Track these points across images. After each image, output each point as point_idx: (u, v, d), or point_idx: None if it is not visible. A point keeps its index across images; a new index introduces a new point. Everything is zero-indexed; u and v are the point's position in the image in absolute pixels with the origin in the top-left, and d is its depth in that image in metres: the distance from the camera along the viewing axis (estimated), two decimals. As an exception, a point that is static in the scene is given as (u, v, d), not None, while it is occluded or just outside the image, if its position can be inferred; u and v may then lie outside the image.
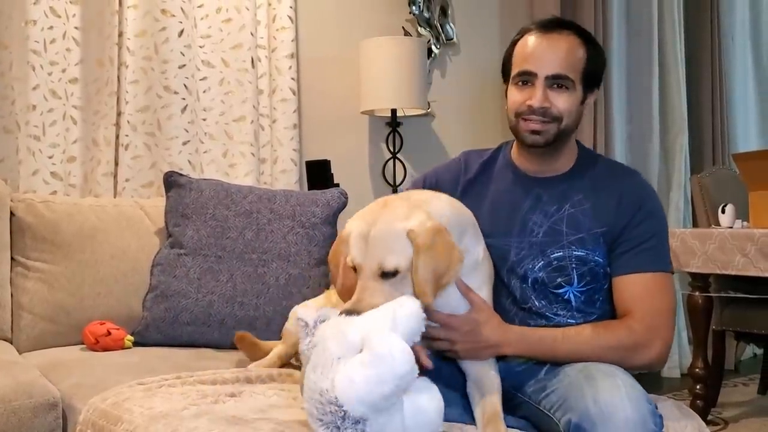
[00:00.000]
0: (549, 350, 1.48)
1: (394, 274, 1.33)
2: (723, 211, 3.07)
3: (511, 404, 1.52)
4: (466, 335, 1.43)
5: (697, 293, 3.10)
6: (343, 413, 1.16)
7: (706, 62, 4.36)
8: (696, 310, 3.11)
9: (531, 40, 1.58)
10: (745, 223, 3.04)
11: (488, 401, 1.43)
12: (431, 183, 1.70)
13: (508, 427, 1.40)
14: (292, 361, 1.91)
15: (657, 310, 1.50)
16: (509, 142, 1.73)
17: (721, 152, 4.31)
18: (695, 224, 3.84)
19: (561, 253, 1.56)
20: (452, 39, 3.56)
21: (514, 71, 1.59)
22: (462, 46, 3.59)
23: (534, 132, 1.57)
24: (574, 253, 1.55)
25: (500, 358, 1.51)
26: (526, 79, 1.57)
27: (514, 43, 1.63)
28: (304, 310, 1.38)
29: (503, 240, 1.58)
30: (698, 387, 3.09)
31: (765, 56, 4.80)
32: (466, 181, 1.70)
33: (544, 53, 1.55)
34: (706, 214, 3.43)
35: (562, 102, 1.56)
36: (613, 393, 1.28)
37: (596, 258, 1.55)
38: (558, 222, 1.58)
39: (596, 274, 1.56)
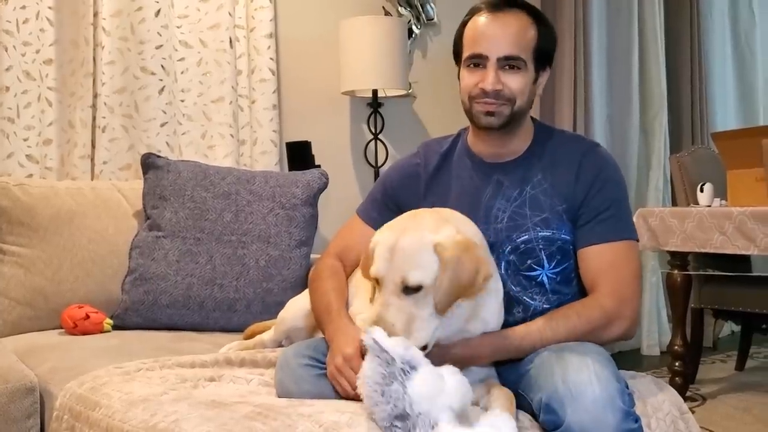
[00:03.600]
0: (528, 353, 1.46)
1: (417, 289, 1.31)
2: (701, 190, 3.09)
3: None
4: (436, 357, 1.37)
5: (676, 271, 3.12)
6: None
7: (685, 42, 4.37)
8: (675, 288, 3.14)
9: (481, 21, 1.56)
10: (723, 202, 3.06)
11: (488, 382, 1.44)
12: (393, 186, 1.71)
13: None
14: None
15: (623, 281, 1.51)
16: (467, 127, 1.72)
17: (700, 132, 4.34)
18: (674, 203, 3.87)
19: (526, 236, 1.56)
20: (433, 19, 3.54)
21: (465, 54, 1.58)
22: (443, 27, 3.56)
23: (488, 114, 1.56)
24: (540, 234, 1.55)
25: None
26: (478, 61, 1.55)
27: (464, 24, 1.61)
28: (386, 340, 1.27)
29: None
30: (677, 364, 3.13)
31: (743, 36, 4.83)
32: (428, 175, 1.69)
33: (495, 34, 1.53)
34: (685, 193, 3.46)
35: (514, 83, 1.54)
36: (581, 372, 1.29)
37: (563, 236, 1.56)
38: (521, 206, 1.58)
39: (566, 251, 1.56)
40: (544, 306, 1.56)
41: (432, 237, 1.34)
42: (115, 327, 2.20)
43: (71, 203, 2.33)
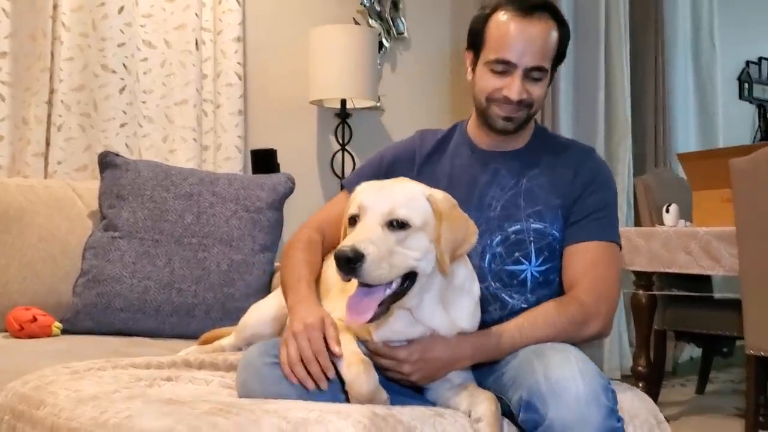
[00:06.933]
0: (508, 351, 1.41)
1: (401, 226, 1.24)
2: (667, 211, 3.10)
3: None
4: (417, 364, 1.34)
5: (641, 291, 3.11)
6: None
7: (649, 71, 4.45)
8: (640, 308, 3.13)
9: (511, 24, 1.50)
10: (688, 224, 3.07)
11: (467, 386, 1.37)
12: (389, 162, 1.65)
13: None
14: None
15: (603, 280, 1.49)
16: (464, 120, 1.70)
17: (663, 156, 4.39)
18: (638, 226, 3.88)
19: (518, 227, 1.52)
20: (403, 33, 3.51)
21: (490, 55, 1.52)
22: (413, 42, 3.54)
23: (507, 119, 1.54)
24: (532, 225, 1.52)
25: None
26: (504, 68, 1.51)
27: (486, 18, 1.54)
28: None
29: None
30: (640, 385, 3.09)
31: (705, 68, 4.92)
32: (422, 157, 1.64)
33: (525, 44, 1.49)
34: (650, 214, 3.47)
35: (537, 91, 1.54)
36: (564, 368, 1.24)
37: (554, 232, 1.53)
38: (515, 196, 1.55)
39: (553, 250, 1.53)
40: (522, 306, 1.51)
41: (422, 189, 1.33)
42: (65, 331, 2.07)
43: (22, 200, 2.21)
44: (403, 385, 1.39)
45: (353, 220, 1.28)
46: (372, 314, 1.21)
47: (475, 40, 1.57)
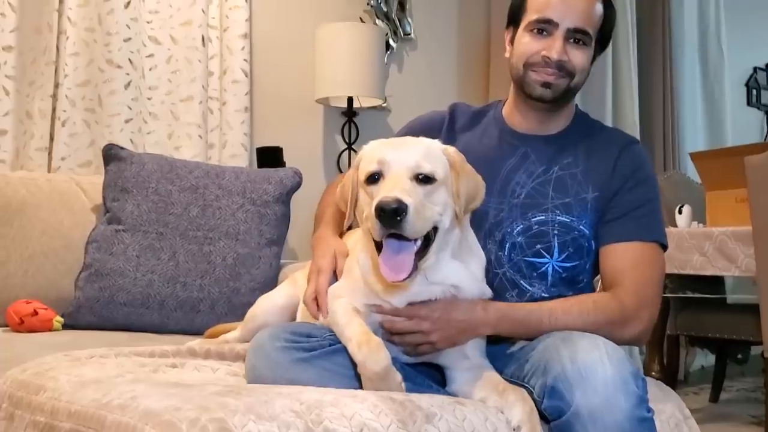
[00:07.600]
0: (534, 331, 1.34)
1: (426, 180, 1.23)
2: (680, 212, 3.04)
3: None
4: (437, 322, 1.28)
5: (654, 294, 3.04)
6: None
7: (657, 76, 4.41)
8: (653, 311, 3.06)
9: None
10: (700, 225, 3.01)
11: (491, 375, 1.31)
12: (414, 130, 1.58)
13: None
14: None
15: (646, 282, 1.40)
16: (501, 100, 1.63)
17: (672, 160, 4.35)
18: (648, 230, 3.82)
19: (543, 217, 1.44)
20: (410, 34, 3.48)
21: (531, 16, 1.46)
22: (419, 42, 3.51)
23: (545, 85, 1.46)
24: (558, 218, 1.44)
25: (490, 342, 1.39)
26: (544, 27, 1.45)
27: None
28: None
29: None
30: (654, 390, 3.02)
31: (712, 72, 4.89)
32: (448, 130, 1.58)
33: (567, 5, 1.44)
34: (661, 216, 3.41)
35: (578, 58, 1.46)
36: (592, 352, 1.17)
37: (581, 227, 1.44)
38: (544, 184, 1.47)
39: (580, 246, 1.45)
40: (542, 294, 1.43)
41: (438, 143, 1.33)
42: (66, 326, 2.02)
43: (24, 193, 2.17)
44: (422, 354, 1.33)
45: (372, 178, 1.24)
46: (411, 269, 1.18)
47: (516, 13, 1.52)
